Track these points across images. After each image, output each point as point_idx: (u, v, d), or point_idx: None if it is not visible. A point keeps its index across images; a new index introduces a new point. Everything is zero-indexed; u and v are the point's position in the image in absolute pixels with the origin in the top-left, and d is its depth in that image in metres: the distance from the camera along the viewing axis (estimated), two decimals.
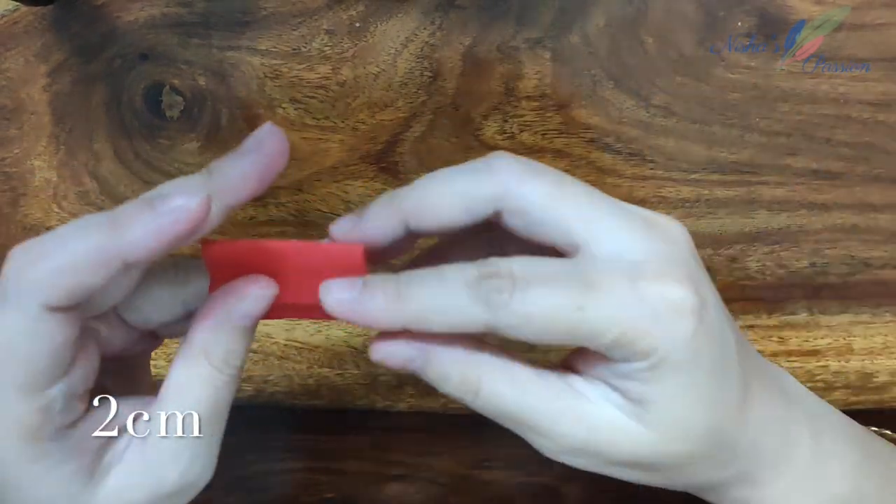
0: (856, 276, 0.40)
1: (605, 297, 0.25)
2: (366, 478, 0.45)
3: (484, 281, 0.25)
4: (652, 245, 0.26)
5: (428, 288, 0.25)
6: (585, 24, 0.36)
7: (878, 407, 0.41)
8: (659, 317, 0.25)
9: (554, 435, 0.26)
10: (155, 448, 0.26)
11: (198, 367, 0.26)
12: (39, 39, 0.37)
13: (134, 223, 0.24)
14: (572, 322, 0.24)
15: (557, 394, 0.26)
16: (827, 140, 0.38)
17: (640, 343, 0.24)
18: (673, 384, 0.25)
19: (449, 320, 0.25)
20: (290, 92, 0.37)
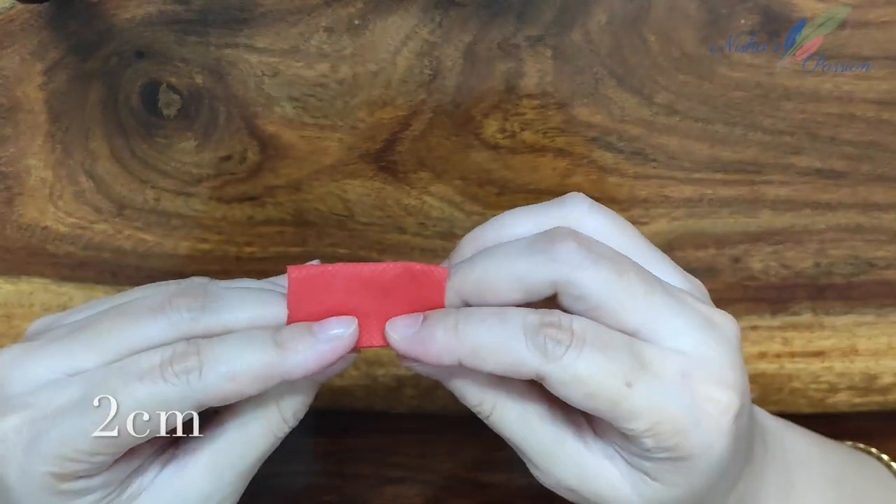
0: (860, 276, 0.40)
1: (654, 380, 0.25)
2: (365, 480, 0.44)
3: (543, 329, 0.25)
4: (707, 344, 0.26)
5: (487, 326, 0.26)
6: (587, 21, 0.36)
7: (883, 408, 0.41)
8: (700, 421, 0.25)
9: (549, 474, 0.27)
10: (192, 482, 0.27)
11: (267, 414, 0.27)
12: (35, 37, 0.37)
13: (299, 347, 0.26)
14: (617, 395, 0.25)
15: (562, 441, 0.27)
16: (831, 139, 0.38)
17: (672, 439, 0.25)
18: (684, 477, 0.26)
19: (502, 361, 0.25)
20: (288, 90, 0.37)
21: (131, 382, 0.25)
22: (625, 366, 0.25)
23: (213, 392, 0.25)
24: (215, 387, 0.25)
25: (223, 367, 0.25)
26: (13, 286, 0.40)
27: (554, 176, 0.38)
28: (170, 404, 0.25)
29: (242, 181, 0.38)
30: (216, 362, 0.25)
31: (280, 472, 0.44)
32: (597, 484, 0.26)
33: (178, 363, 0.25)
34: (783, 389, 0.41)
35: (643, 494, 0.26)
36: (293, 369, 0.26)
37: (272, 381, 0.26)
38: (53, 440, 0.25)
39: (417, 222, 0.39)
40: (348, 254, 0.40)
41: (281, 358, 0.26)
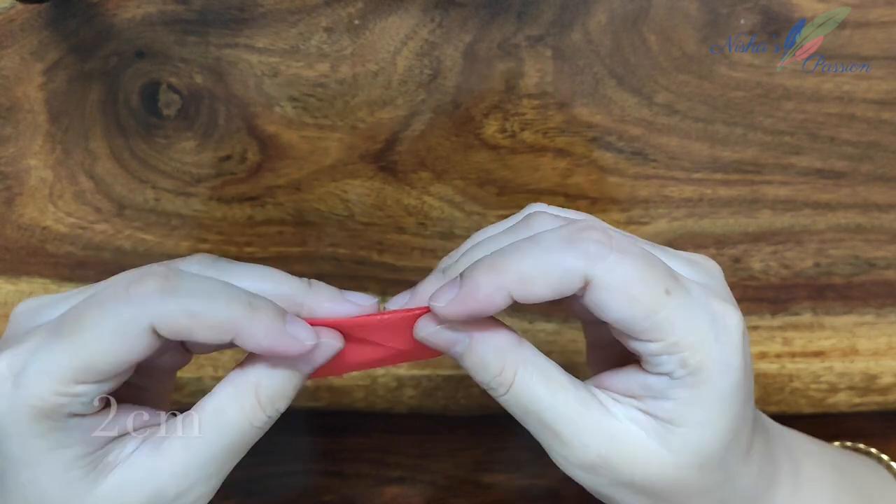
0: (860, 276, 0.40)
1: (687, 292, 0.25)
2: (365, 480, 0.44)
3: (584, 233, 0.25)
4: (699, 274, 0.27)
5: (525, 253, 0.25)
6: (587, 21, 0.36)
7: (883, 408, 0.41)
8: (719, 337, 0.25)
9: (574, 444, 0.26)
10: (166, 461, 0.26)
11: (243, 398, 0.27)
12: (35, 37, 0.37)
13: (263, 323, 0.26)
14: (657, 302, 0.25)
15: (586, 404, 0.26)
16: (831, 139, 0.38)
17: (696, 356, 0.25)
18: (705, 409, 0.26)
19: (551, 276, 0.25)
20: (288, 90, 0.37)
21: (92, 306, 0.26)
22: (663, 273, 0.25)
23: (168, 319, 0.25)
24: (171, 314, 0.25)
25: (186, 299, 0.25)
26: (13, 286, 0.40)
27: (554, 176, 0.38)
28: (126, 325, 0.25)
29: (242, 181, 0.38)
30: (180, 291, 0.25)
31: (280, 472, 0.44)
32: (625, 446, 0.26)
33: (141, 283, 0.25)
34: (783, 389, 0.40)
35: (672, 446, 0.26)
36: (248, 337, 0.25)
37: (226, 335, 0.25)
38: (33, 372, 0.25)
39: (417, 222, 0.39)
40: (348, 254, 0.40)
41: (246, 319, 0.25)
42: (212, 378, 0.40)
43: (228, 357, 0.40)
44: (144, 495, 0.26)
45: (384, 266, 0.40)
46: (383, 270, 0.40)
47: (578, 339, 0.40)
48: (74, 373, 0.25)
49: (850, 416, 0.41)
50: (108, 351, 0.25)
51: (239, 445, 0.27)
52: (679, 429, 0.26)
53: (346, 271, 0.40)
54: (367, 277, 0.40)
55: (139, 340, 0.25)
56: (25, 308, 0.28)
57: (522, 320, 0.40)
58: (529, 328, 0.40)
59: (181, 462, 0.26)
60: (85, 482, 0.26)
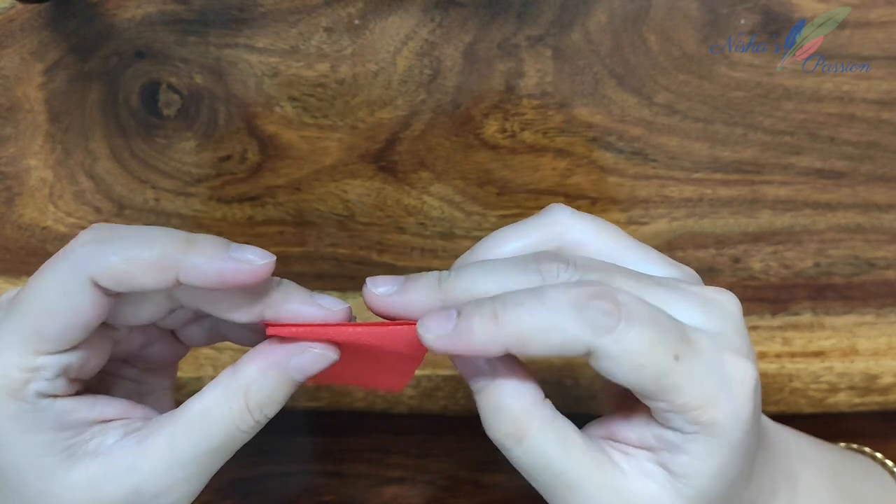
0: (860, 276, 0.40)
1: (697, 354, 0.25)
2: (365, 480, 0.44)
3: (592, 302, 0.24)
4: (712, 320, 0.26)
5: (529, 311, 0.25)
6: (587, 21, 0.36)
7: (883, 409, 0.41)
8: (731, 391, 0.25)
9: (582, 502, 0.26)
10: (147, 457, 0.26)
11: (232, 401, 0.26)
12: (35, 37, 0.37)
13: (204, 252, 0.25)
14: (665, 368, 0.24)
15: (601, 466, 0.26)
16: (831, 139, 0.38)
17: (707, 413, 0.25)
18: (720, 460, 0.25)
19: (551, 341, 0.24)
20: (288, 90, 0.37)
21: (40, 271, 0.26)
22: (672, 339, 0.25)
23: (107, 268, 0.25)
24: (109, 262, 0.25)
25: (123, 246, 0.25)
26: (13, 286, 0.40)
27: (554, 176, 0.38)
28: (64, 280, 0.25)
29: (242, 181, 0.38)
30: (117, 238, 0.25)
31: (280, 472, 0.44)
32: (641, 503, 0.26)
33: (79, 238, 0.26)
34: (783, 389, 0.40)
35: (685, 495, 0.26)
36: (191, 270, 0.25)
37: (167, 273, 0.25)
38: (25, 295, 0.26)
39: (417, 222, 0.39)
40: (348, 254, 0.40)
41: (183, 252, 0.25)
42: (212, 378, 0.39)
43: (228, 357, 0.40)
44: (122, 490, 0.26)
45: (384, 266, 0.40)
46: (383, 270, 0.40)
47: None
48: (28, 341, 0.25)
49: (850, 416, 0.41)
50: (53, 311, 0.25)
51: (224, 448, 0.26)
52: (693, 480, 0.26)
53: (346, 271, 0.40)
54: (366, 277, 0.40)
55: (82, 295, 0.25)
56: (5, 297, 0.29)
57: None
58: None
59: (163, 459, 0.26)
60: (62, 468, 0.26)
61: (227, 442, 0.26)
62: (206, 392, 0.27)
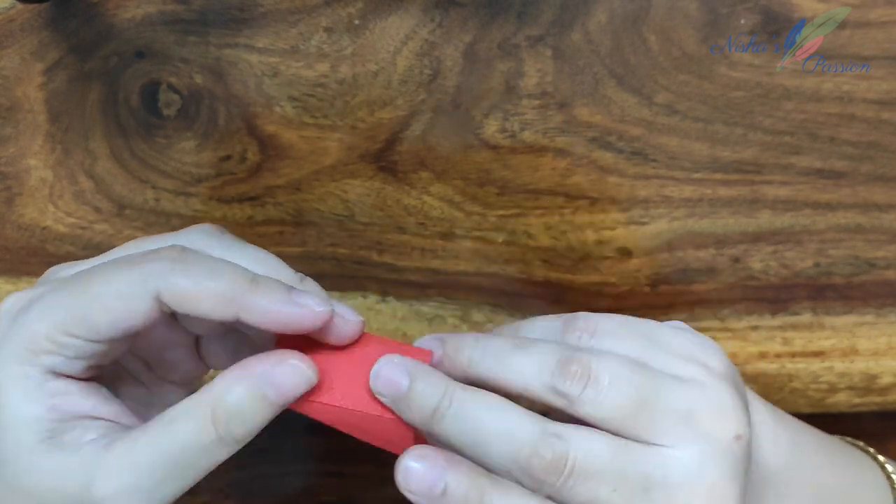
0: (860, 276, 0.40)
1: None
2: (365, 480, 0.44)
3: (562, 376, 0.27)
4: (701, 460, 0.26)
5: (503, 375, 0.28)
6: (587, 21, 0.36)
7: (883, 409, 0.41)
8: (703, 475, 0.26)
9: None
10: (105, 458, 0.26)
11: (200, 410, 0.26)
12: (36, 37, 0.37)
13: (268, 295, 0.26)
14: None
15: None
16: (831, 139, 0.38)
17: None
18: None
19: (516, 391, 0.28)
20: (288, 90, 0.37)
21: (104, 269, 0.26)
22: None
23: (174, 289, 0.25)
24: (178, 284, 0.25)
25: (193, 269, 0.26)
26: (13, 286, 0.40)
27: (554, 176, 0.38)
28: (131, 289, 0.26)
29: (242, 181, 0.38)
30: (186, 262, 0.26)
31: (280, 472, 0.44)
32: None
33: (156, 255, 0.26)
34: (783, 389, 0.41)
35: None
36: (253, 310, 0.26)
37: (228, 309, 0.26)
38: (35, 310, 0.26)
39: (417, 222, 0.39)
40: (348, 254, 0.40)
41: (249, 292, 0.26)
42: None
43: None
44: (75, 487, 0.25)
45: (384, 266, 0.40)
46: (383, 270, 0.40)
47: None
48: (68, 320, 0.26)
49: (849, 416, 0.41)
50: (109, 307, 0.26)
51: (180, 462, 0.26)
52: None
53: (346, 271, 0.40)
54: (367, 277, 0.40)
55: (141, 304, 0.26)
56: (59, 266, 0.30)
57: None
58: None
59: (118, 462, 0.25)
60: (35, 449, 0.26)
61: (186, 454, 0.26)
62: (180, 403, 0.26)
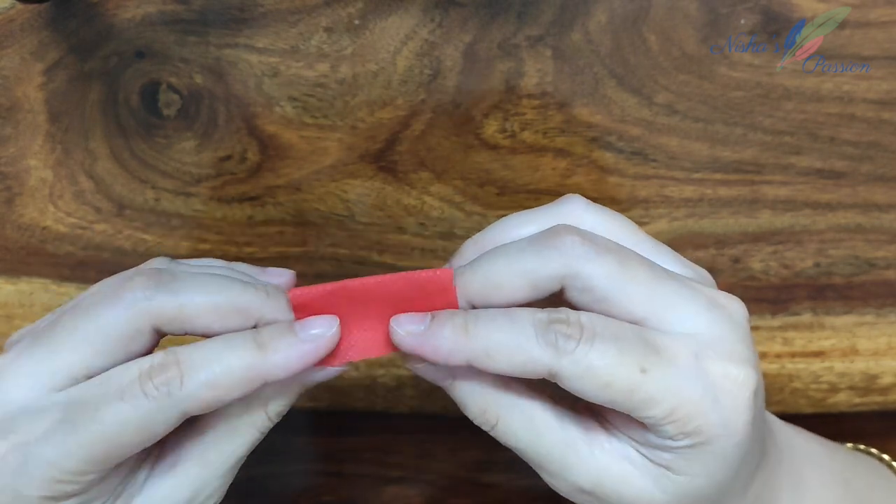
0: (860, 276, 0.40)
1: (669, 364, 0.25)
2: (365, 480, 0.44)
3: (553, 325, 0.25)
4: (714, 324, 0.26)
5: (496, 325, 0.25)
6: (587, 21, 0.36)
7: (883, 409, 0.41)
8: (718, 400, 0.25)
9: (559, 477, 0.27)
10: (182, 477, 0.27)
11: (254, 415, 0.27)
12: (35, 37, 0.37)
13: (280, 347, 0.26)
14: (632, 384, 0.25)
15: (571, 443, 0.26)
16: (831, 139, 0.38)
17: (692, 423, 0.25)
18: (706, 464, 0.25)
19: (514, 360, 0.25)
20: (288, 90, 0.37)
21: (112, 401, 0.25)
22: (637, 353, 0.25)
23: (196, 401, 0.25)
24: (197, 396, 0.25)
25: (203, 374, 0.25)
26: (13, 286, 0.40)
27: (554, 176, 0.38)
28: (153, 418, 0.25)
29: (242, 181, 0.38)
30: (196, 370, 0.25)
31: (279, 472, 0.44)
32: (616, 485, 0.26)
33: (158, 375, 0.25)
34: (783, 389, 0.40)
35: (666, 489, 0.26)
36: (275, 370, 0.26)
37: (254, 384, 0.26)
38: (42, 465, 0.25)
39: (417, 222, 0.39)
40: (348, 254, 0.40)
41: (262, 359, 0.25)
42: None
43: None
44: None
45: (384, 266, 0.40)
46: (383, 270, 0.40)
47: None
48: (88, 465, 0.25)
49: (850, 416, 0.41)
50: (129, 442, 0.25)
51: (246, 452, 0.28)
52: (675, 476, 0.26)
53: (346, 271, 0.40)
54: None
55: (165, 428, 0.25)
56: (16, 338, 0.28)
57: None
58: None
59: (197, 479, 0.27)
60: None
61: (253, 445, 0.28)
62: (227, 409, 0.27)
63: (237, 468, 0.28)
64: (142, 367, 0.25)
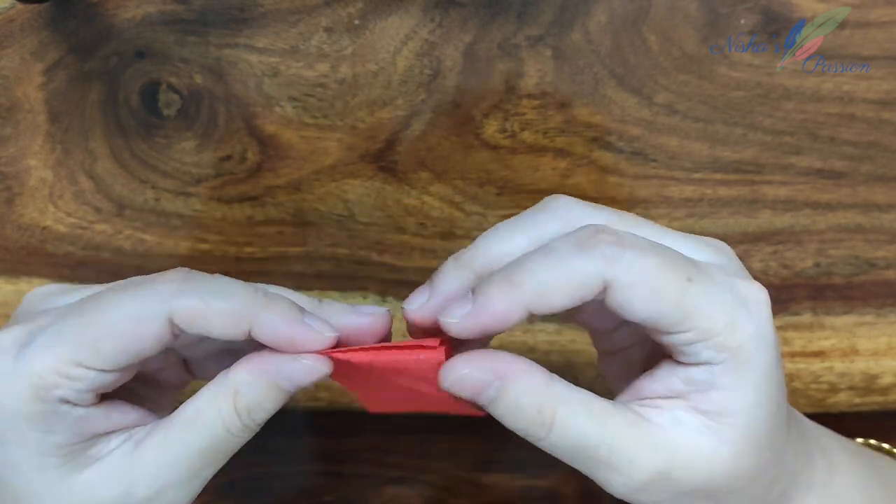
0: (860, 276, 0.40)
1: (708, 277, 0.25)
2: (364, 480, 0.44)
3: (596, 236, 0.25)
4: (720, 255, 0.27)
5: (540, 264, 0.25)
6: (587, 21, 0.36)
7: (883, 409, 0.41)
8: (750, 311, 0.25)
9: (631, 469, 0.25)
10: (140, 460, 0.26)
11: (221, 403, 0.26)
12: (35, 37, 0.37)
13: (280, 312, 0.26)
14: (681, 290, 0.24)
15: (635, 424, 0.25)
16: (831, 139, 0.38)
17: (732, 337, 0.25)
18: (754, 388, 0.25)
19: (571, 285, 0.24)
20: (288, 90, 0.37)
21: (112, 293, 0.26)
22: (682, 263, 0.25)
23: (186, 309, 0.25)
24: (189, 304, 0.25)
25: (201, 287, 0.25)
26: (13, 286, 0.40)
27: (554, 176, 0.38)
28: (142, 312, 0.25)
29: (242, 181, 0.38)
30: (195, 282, 0.26)
31: (280, 472, 0.44)
32: (682, 455, 0.25)
33: (162, 278, 0.26)
34: None
35: (726, 437, 0.25)
36: (267, 325, 0.26)
37: (243, 324, 0.25)
38: (38, 347, 0.25)
39: (417, 222, 0.39)
40: (348, 254, 0.40)
41: (261, 307, 0.26)
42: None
43: None
44: (114, 494, 0.26)
45: (384, 266, 0.40)
46: (383, 270, 0.40)
47: (578, 339, 0.40)
48: (78, 351, 0.25)
49: (850, 416, 0.41)
50: (118, 332, 0.25)
51: (213, 451, 0.26)
52: (730, 418, 0.25)
53: (346, 271, 0.40)
54: (367, 277, 0.40)
55: (153, 327, 0.25)
56: (41, 292, 0.29)
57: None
58: (529, 328, 0.40)
59: (153, 462, 0.26)
60: (60, 471, 0.26)
61: (217, 443, 0.26)
62: (198, 394, 0.27)
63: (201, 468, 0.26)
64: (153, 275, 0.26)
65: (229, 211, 0.39)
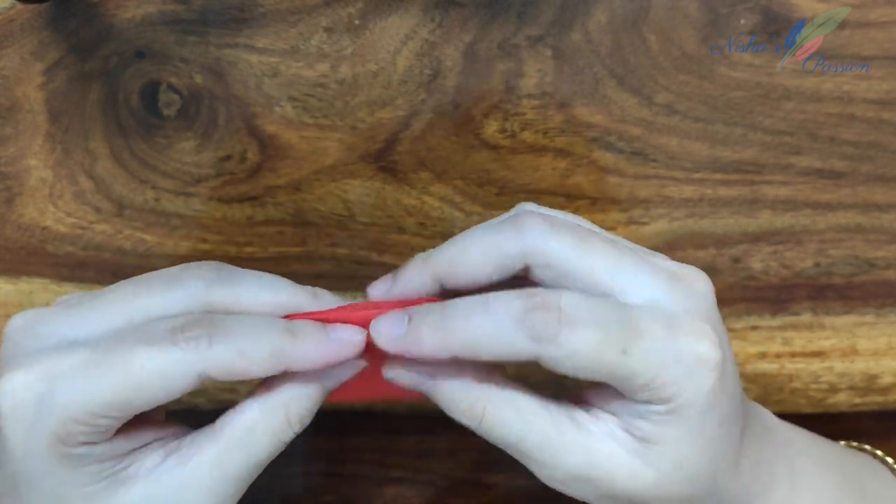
0: (860, 276, 0.40)
1: (647, 343, 0.26)
2: (365, 480, 0.44)
3: (531, 313, 0.25)
4: (679, 298, 0.27)
5: (474, 319, 0.26)
6: (587, 21, 0.36)
7: (883, 409, 0.41)
8: (689, 369, 0.26)
9: (552, 465, 0.27)
10: (194, 475, 0.26)
11: (273, 418, 0.27)
12: (35, 37, 0.37)
13: (310, 339, 0.26)
14: (615, 362, 0.25)
15: (559, 426, 0.27)
16: (831, 139, 0.38)
17: (667, 390, 0.26)
18: (683, 429, 0.26)
19: (496, 350, 0.26)
20: (288, 90, 0.37)
21: (140, 346, 0.25)
22: (618, 334, 0.25)
23: (220, 364, 0.25)
24: (223, 359, 0.25)
25: (233, 341, 0.25)
26: (13, 286, 0.40)
27: (554, 176, 0.38)
28: (175, 370, 0.25)
29: (242, 181, 0.38)
30: (227, 334, 0.26)
31: (279, 472, 0.44)
32: (603, 463, 0.27)
33: (190, 330, 0.25)
34: (783, 389, 0.41)
35: (654, 464, 0.26)
36: (300, 359, 0.26)
37: (278, 366, 0.26)
38: (62, 399, 0.25)
39: (417, 222, 0.39)
40: (348, 254, 0.40)
41: (291, 345, 0.26)
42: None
43: None
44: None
45: (384, 266, 0.40)
46: (383, 270, 0.40)
47: None
48: (107, 408, 0.25)
49: (850, 416, 0.41)
50: (150, 390, 0.25)
51: (266, 462, 0.27)
52: (656, 445, 0.26)
53: (346, 271, 0.40)
54: (367, 277, 0.40)
55: (185, 384, 0.25)
56: (22, 324, 0.27)
57: None
58: None
59: (211, 478, 0.26)
60: (107, 493, 0.26)
61: (272, 454, 0.27)
62: (245, 409, 0.27)
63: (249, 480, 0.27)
64: (175, 322, 0.26)
65: (229, 211, 0.39)
